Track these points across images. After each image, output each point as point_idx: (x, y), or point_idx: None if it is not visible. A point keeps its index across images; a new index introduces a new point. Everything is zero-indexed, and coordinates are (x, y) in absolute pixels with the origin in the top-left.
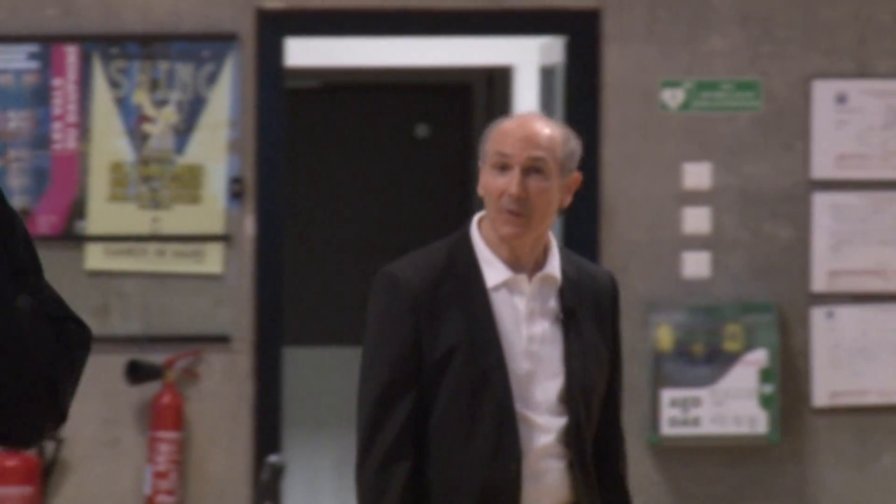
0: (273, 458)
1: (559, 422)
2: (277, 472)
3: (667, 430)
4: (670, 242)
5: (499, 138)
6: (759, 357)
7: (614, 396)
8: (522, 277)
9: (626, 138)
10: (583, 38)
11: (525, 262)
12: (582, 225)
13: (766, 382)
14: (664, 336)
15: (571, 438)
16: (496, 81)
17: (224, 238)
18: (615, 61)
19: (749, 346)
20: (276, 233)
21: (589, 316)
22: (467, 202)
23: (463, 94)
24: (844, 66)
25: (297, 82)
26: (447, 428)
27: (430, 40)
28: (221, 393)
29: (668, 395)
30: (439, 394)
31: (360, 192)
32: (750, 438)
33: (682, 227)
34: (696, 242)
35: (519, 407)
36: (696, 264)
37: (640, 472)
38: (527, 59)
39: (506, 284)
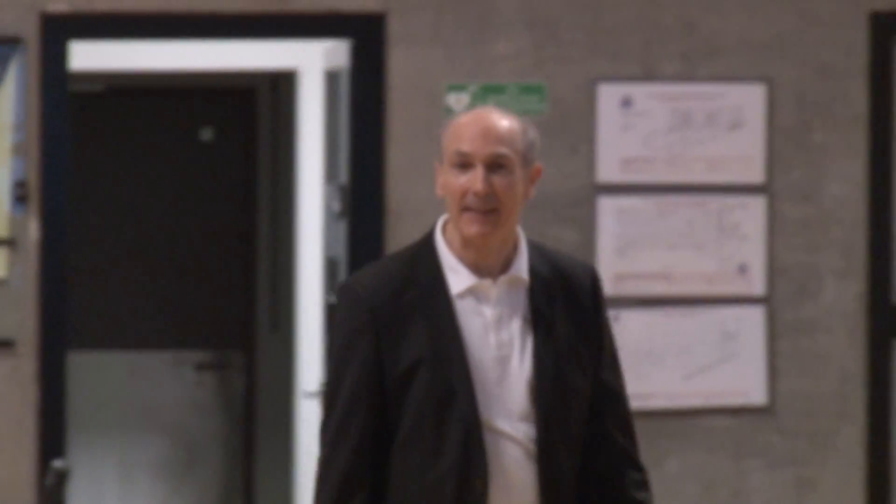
0: (57, 464)
1: (528, 434)
2: (62, 476)
3: None
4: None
5: (456, 135)
6: None
7: (606, 398)
8: (488, 282)
9: (412, 142)
10: (368, 41)
11: (492, 265)
12: (367, 229)
13: None
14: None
15: (542, 451)
16: (281, 85)
17: (8, 242)
18: (400, 65)
19: None
20: (60, 237)
21: (564, 314)
22: (251, 204)
23: (247, 97)
24: (629, 69)
25: (82, 86)
26: (413, 445)
27: (214, 44)
28: (5, 397)
29: None
30: (404, 410)
31: (146, 196)
32: None
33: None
34: None
35: (487, 417)
36: None
37: None
38: (312, 62)
39: (471, 291)
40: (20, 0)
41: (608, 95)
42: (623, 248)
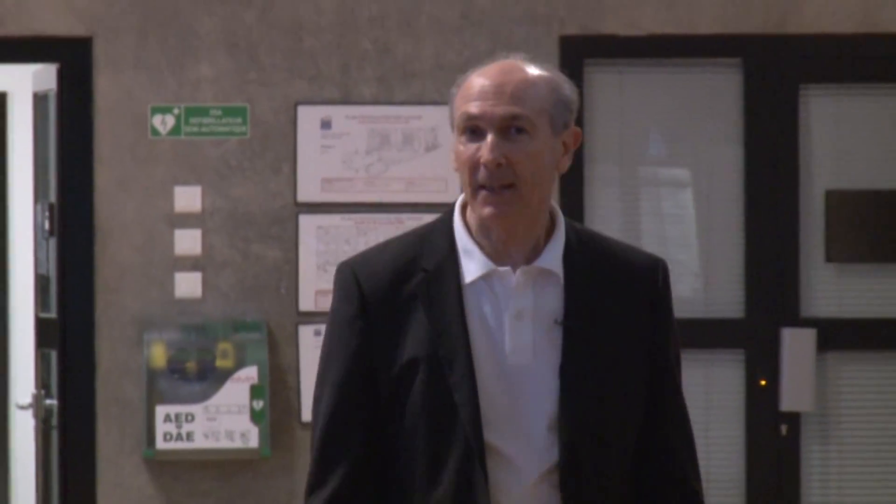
0: None
1: (549, 458)
2: None
3: (161, 444)
4: (163, 263)
5: (466, 94)
6: (250, 374)
7: (659, 419)
8: (507, 270)
9: (118, 163)
10: (75, 65)
11: (516, 252)
12: (77, 246)
13: (256, 398)
14: (158, 354)
15: (565, 480)
16: None
17: None
18: (106, 88)
19: (241, 364)
20: None
21: (612, 316)
22: None
23: None
24: (328, 92)
25: None
26: (408, 462)
27: None
28: None
29: (162, 410)
30: (400, 417)
31: None
32: (242, 452)
33: (174, 249)
34: (188, 263)
35: (492, 438)
36: (187, 284)
37: (136, 485)
38: (21, 85)
39: (486, 279)
40: None
41: (308, 117)
42: (323, 265)
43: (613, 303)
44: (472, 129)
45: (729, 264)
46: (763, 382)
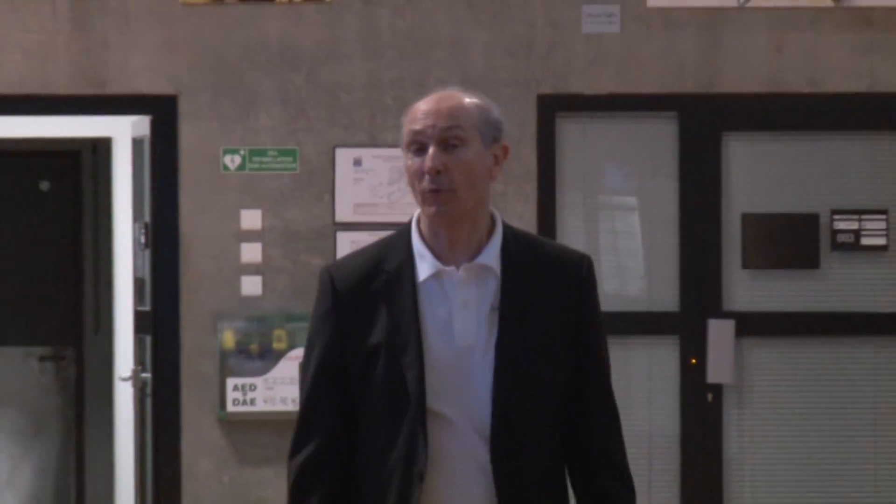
0: None
1: (483, 423)
2: None
3: (231, 408)
4: (232, 269)
5: (411, 117)
6: (299, 353)
7: (585, 398)
8: (452, 269)
9: (197, 192)
10: (164, 116)
11: (461, 252)
12: (165, 256)
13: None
14: (228, 338)
15: (496, 442)
16: (100, 148)
17: None
18: (188, 134)
19: (292, 346)
20: None
21: (541, 307)
22: (79, 238)
23: (75, 157)
24: (359, 137)
25: None
26: (371, 429)
27: (52, 117)
28: None
29: (231, 381)
30: (366, 394)
31: (1, 232)
32: (293, 413)
33: (241, 258)
34: (251, 269)
35: (439, 406)
36: (250, 285)
37: (211, 439)
38: (122, 131)
39: (436, 278)
40: None
41: (343, 157)
42: None
43: (544, 291)
44: (417, 145)
45: (666, 270)
46: (693, 361)
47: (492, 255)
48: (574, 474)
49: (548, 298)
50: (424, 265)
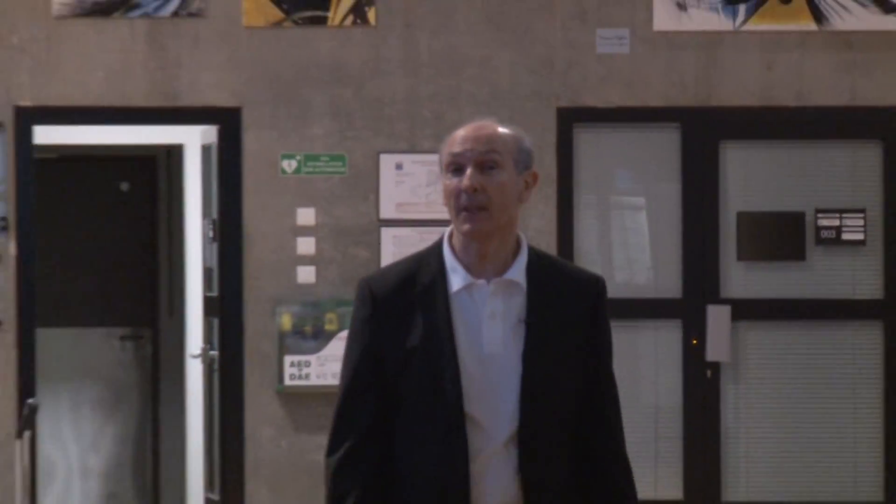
0: (30, 401)
1: (511, 426)
2: (33, 409)
3: (288, 382)
4: (289, 260)
5: (451, 142)
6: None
7: (596, 402)
8: (482, 283)
9: (259, 192)
10: (229, 126)
11: (490, 267)
12: (230, 249)
13: None
14: (286, 321)
15: (522, 443)
16: (173, 154)
17: None
18: (251, 142)
19: (342, 327)
20: (30, 253)
21: (561, 321)
22: (154, 232)
23: (151, 162)
24: (400, 145)
25: (42, 154)
26: (408, 427)
27: (129, 127)
28: None
29: (288, 359)
30: (402, 394)
31: (86, 226)
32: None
33: (297, 250)
34: (306, 260)
35: (470, 409)
36: (305, 274)
37: (271, 410)
38: (192, 139)
39: (467, 290)
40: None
41: (387, 162)
42: None
43: (563, 306)
44: (456, 165)
45: (670, 262)
46: (694, 342)
47: (518, 272)
48: (583, 469)
49: (567, 312)
50: (457, 278)
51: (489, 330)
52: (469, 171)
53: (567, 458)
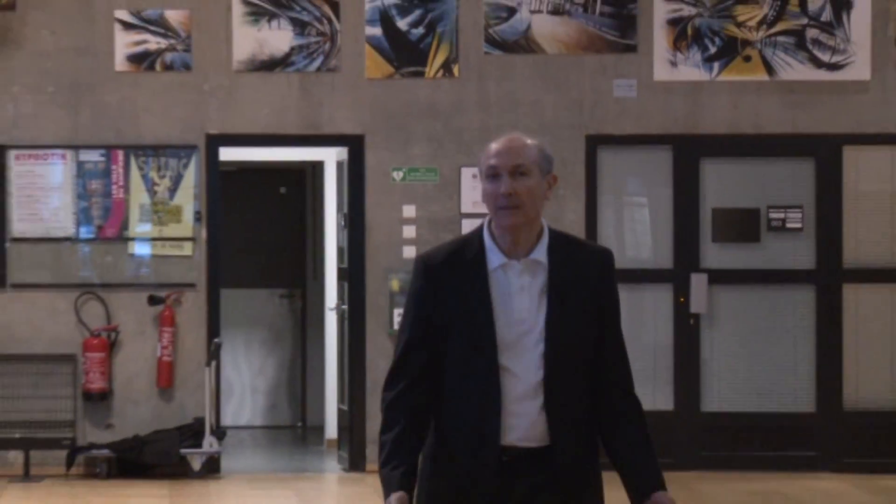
0: (216, 340)
1: (538, 374)
2: (218, 346)
3: (395, 327)
4: (397, 243)
5: (488, 155)
6: None
7: (606, 350)
8: (514, 262)
9: (377, 195)
10: (356, 147)
11: (521, 249)
12: (356, 234)
13: None
14: (395, 284)
15: (547, 388)
16: (317, 167)
17: (192, 239)
18: (371, 159)
19: None
20: (215, 236)
21: (576, 289)
22: (304, 221)
23: (301, 173)
24: (475, 161)
25: (225, 167)
26: (453, 376)
27: (286, 149)
28: (192, 310)
29: (396, 311)
30: (448, 349)
31: (256, 218)
32: None
33: (402, 235)
34: (409, 242)
35: (503, 362)
36: (409, 252)
37: (385, 347)
38: (330, 157)
39: (502, 267)
40: (194, 125)
41: (465, 173)
42: None
43: (578, 276)
44: (493, 172)
45: (665, 243)
46: (682, 300)
47: (541, 253)
48: (600, 406)
49: (581, 281)
50: (494, 258)
51: (519, 300)
52: (505, 178)
53: (584, 400)
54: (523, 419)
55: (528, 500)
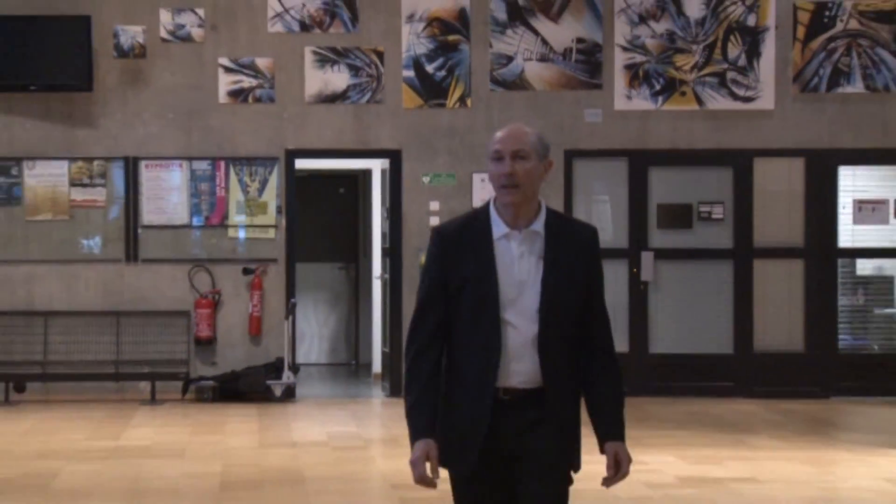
0: (293, 300)
1: (534, 328)
2: (294, 305)
3: None
4: (425, 229)
5: (495, 140)
6: None
7: (591, 313)
8: (516, 232)
9: (410, 193)
10: (395, 159)
11: (521, 222)
12: (395, 221)
13: None
14: (423, 259)
15: (541, 339)
16: (366, 174)
17: (275, 226)
18: (408, 167)
19: None
20: (293, 225)
21: (568, 257)
22: (357, 213)
23: (355, 178)
24: (482, 168)
25: (299, 174)
26: (462, 328)
27: (343, 160)
28: (274, 278)
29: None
30: (459, 307)
31: (320, 211)
32: None
33: (429, 223)
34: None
35: (506, 316)
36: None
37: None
38: (376, 166)
39: (505, 236)
40: (276, 143)
41: (476, 178)
42: None
43: (569, 248)
44: (497, 155)
45: (621, 229)
46: (634, 271)
47: (539, 225)
48: (582, 359)
49: (571, 252)
50: (498, 229)
51: (520, 265)
52: (507, 161)
53: (571, 353)
54: (521, 365)
55: (525, 431)
